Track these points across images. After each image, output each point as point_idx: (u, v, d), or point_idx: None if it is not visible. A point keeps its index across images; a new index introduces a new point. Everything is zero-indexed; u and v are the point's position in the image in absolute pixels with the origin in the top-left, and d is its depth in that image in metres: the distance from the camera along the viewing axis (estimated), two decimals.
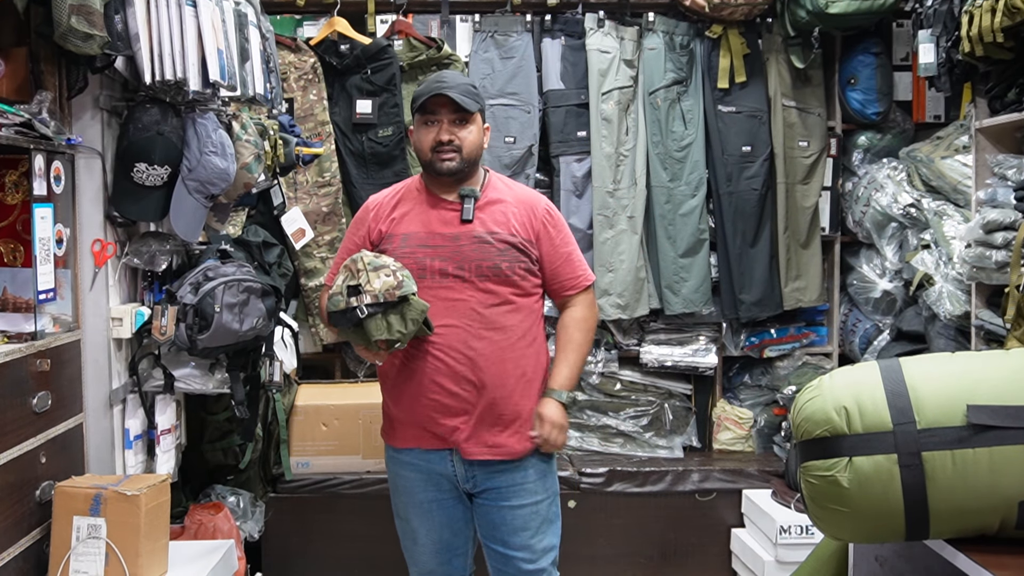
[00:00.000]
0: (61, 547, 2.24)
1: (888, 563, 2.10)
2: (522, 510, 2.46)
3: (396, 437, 2.56)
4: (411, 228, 2.47)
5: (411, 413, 2.48)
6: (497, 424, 2.44)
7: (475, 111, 2.45)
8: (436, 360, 2.42)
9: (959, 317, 3.37)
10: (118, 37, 2.39)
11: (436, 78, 2.48)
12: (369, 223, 2.54)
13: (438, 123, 2.44)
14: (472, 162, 2.47)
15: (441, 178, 2.48)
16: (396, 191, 2.59)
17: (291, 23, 4.06)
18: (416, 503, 2.53)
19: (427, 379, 2.44)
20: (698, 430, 4.20)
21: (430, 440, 2.48)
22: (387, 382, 2.55)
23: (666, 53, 4.03)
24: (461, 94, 2.42)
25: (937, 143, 3.76)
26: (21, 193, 2.27)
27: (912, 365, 1.74)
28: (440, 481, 2.50)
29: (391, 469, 2.61)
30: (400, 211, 2.52)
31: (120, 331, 2.64)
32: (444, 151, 2.42)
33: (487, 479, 2.47)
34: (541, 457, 2.50)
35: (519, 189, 2.62)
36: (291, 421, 3.70)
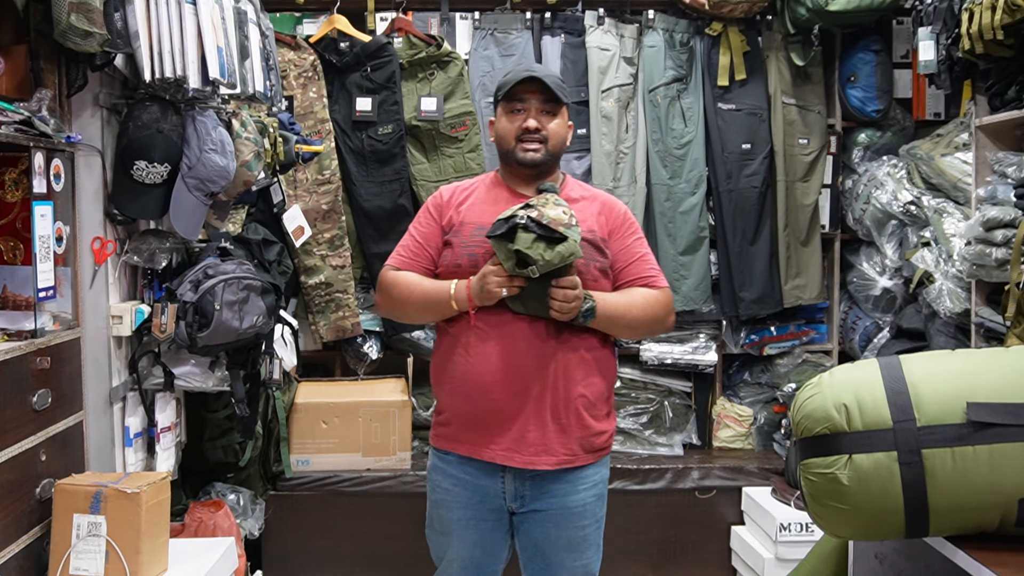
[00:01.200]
0: (61, 545, 2.24)
1: (888, 560, 2.10)
2: (568, 531, 2.33)
3: (448, 439, 2.37)
4: (481, 219, 2.31)
5: (469, 416, 2.30)
6: (563, 429, 2.28)
7: (566, 104, 2.34)
8: (506, 356, 2.25)
9: (959, 314, 3.37)
10: (118, 35, 2.39)
11: (525, 68, 2.36)
12: (442, 209, 2.40)
13: (525, 111, 2.30)
14: (555, 157, 2.35)
15: (521, 170, 2.35)
16: (471, 183, 2.46)
17: (291, 20, 4.06)
18: (455, 518, 2.36)
19: (492, 377, 2.26)
20: (698, 428, 4.20)
21: (486, 450, 2.29)
22: (446, 379, 2.35)
23: (666, 51, 4.03)
24: (552, 83, 2.30)
25: (937, 140, 3.76)
26: (21, 191, 2.27)
27: (912, 362, 1.74)
28: (485, 498, 2.34)
29: (433, 478, 2.43)
30: (471, 202, 2.38)
31: (120, 329, 2.64)
32: (529, 140, 2.29)
33: (541, 499, 2.31)
34: (596, 483, 2.36)
35: (597, 191, 2.52)
36: (291, 419, 3.70)
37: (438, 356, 2.41)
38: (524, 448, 2.26)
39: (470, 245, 2.30)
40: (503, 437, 2.27)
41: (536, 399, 2.25)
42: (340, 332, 3.96)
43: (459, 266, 2.30)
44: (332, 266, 3.92)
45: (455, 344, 2.31)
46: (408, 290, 2.34)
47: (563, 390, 2.27)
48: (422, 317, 2.49)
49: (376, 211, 3.94)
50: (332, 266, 3.92)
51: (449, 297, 2.26)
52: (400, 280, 2.37)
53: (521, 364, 2.24)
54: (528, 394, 2.25)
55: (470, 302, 2.24)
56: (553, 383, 2.26)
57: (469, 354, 2.28)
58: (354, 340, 4.02)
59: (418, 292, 2.33)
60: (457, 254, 2.32)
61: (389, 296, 2.39)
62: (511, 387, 2.25)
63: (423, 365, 4.08)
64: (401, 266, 2.39)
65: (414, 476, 3.72)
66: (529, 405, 2.25)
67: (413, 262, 2.38)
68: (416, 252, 2.39)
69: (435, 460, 2.42)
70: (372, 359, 4.03)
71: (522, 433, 2.26)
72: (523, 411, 2.25)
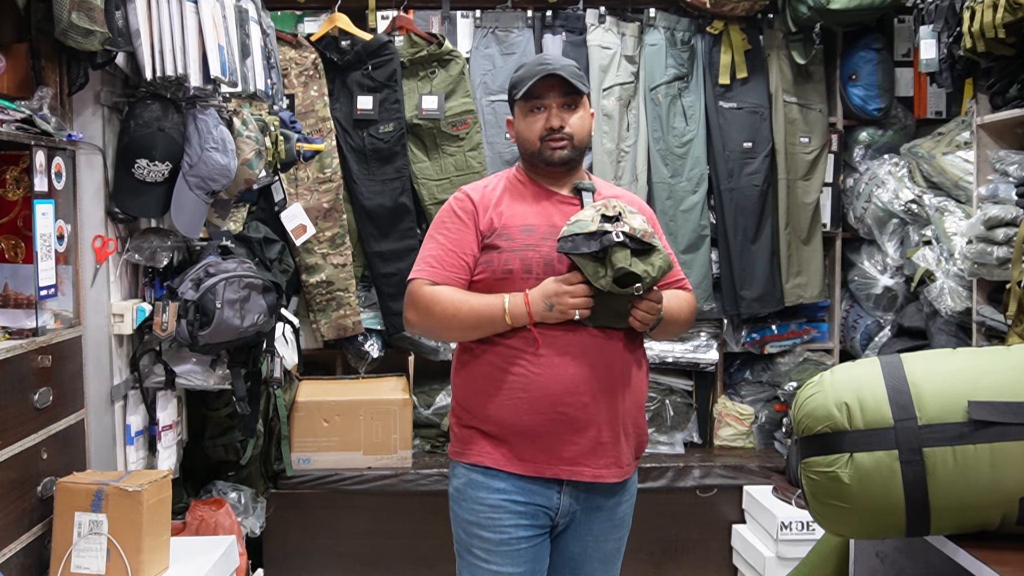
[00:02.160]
0: (63, 543, 2.24)
1: (889, 559, 2.10)
2: (607, 544, 2.23)
3: (493, 457, 2.13)
4: (530, 220, 2.16)
5: (528, 431, 2.10)
6: (624, 438, 2.15)
7: (585, 93, 2.20)
8: (574, 365, 2.08)
9: (960, 313, 3.37)
10: (119, 33, 2.39)
11: (538, 60, 2.22)
12: (476, 212, 2.19)
13: (546, 108, 2.17)
14: (582, 151, 2.22)
15: (551, 169, 2.21)
16: (494, 183, 2.27)
17: (292, 19, 4.06)
18: (503, 539, 2.12)
19: (561, 388, 2.08)
20: (699, 426, 4.20)
21: (548, 467, 2.11)
22: (499, 392, 2.12)
23: (667, 49, 4.03)
24: (569, 75, 2.15)
25: (938, 139, 3.76)
26: (22, 189, 2.27)
27: (913, 361, 1.74)
28: (538, 515, 2.14)
29: (470, 495, 2.15)
30: (508, 203, 2.20)
31: (121, 327, 2.64)
32: (555, 139, 2.16)
33: (589, 513, 2.18)
34: (633, 493, 2.29)
35: (619, 188, 2.42)
36: (292, 417, 3.70)
37: (481, 368, 2.16)
38: (595, 460, 2.11)
39: (522, 250, 2.13)
40: (571, 451, 2.09)
41: (610, 409, 2.11)
42: (341, 330, 3.96)
43: (510, 271, 2.12)
44: (333, 264, 3.92)
45: (509, 355, 2.11)
46: (454, 307, 2.11)
47: (630, 396, 2.15)
48: (467, 335, 2.19)
49: (377, 209, 3.94)
50: (333, 264, 3.92)
51: (503, 313, 2.08)
52: (442, 297, 2.13)
53: (590, 371, 2.08)
54: (602, 404, 2.10)
55: (530, 318, 2.07)
56: (623, 389, 2.13)
57: (532, 364, 2.08)
58: (355, 338, 4.02)
59: (466, 309, 2.10)
60: (506, 258, 2.13)
61: (430, 314, 2.15)
62: (582, 397, 2.08)
63: (424, 363, 4.09)
64: (437, 279, 2.15)
65: (415, 475, 3.72)
66: (602, 414, 2.10)
67: (450, 274, 2.15)
68: (450, 263, 2.16)
69: (475, 477, 2.15)
70: (373, 357, 4.03)
71: (594, 445, 2.10)
72: (595, 421, 2.09)
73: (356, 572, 3.77)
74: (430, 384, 4.10)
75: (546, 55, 2.23)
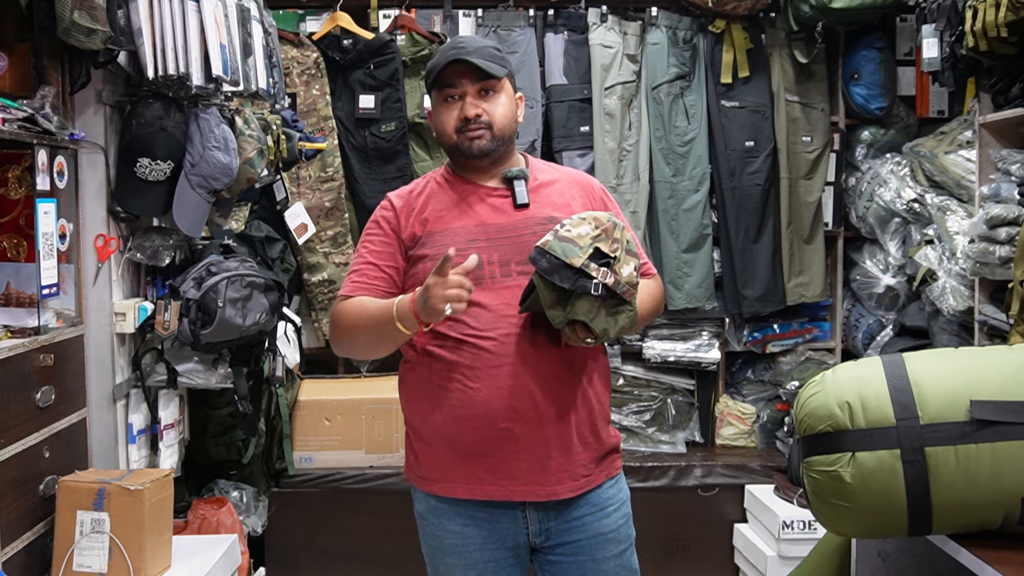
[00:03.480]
0: (65, 541, 2.25)
1: (891, 558, 2.10)
2: (608, 562, 2.04)
3: (444, 484, 1.99)
4: (455, 223, 1.99)
5: (472, 451, 1.93)
6: (579, 449, 1.98)
7: (503, 76, 2.00)
8: (516, 376, 1.90)
9: (962, 312, 3.37)
10: (121, 32, 2.39)
11: (450, 44, 2.02)
12: (398, 222, 2.04)
13: (460, 97, 1.99)
14: (506, 139, 2.02)
15: (473, 162, 2.02)
16: (418, 187, 2.09)
17: (294, 18, 4.06)
18: (470, 563, 2.00)
19: (502, 403, 1.90)
20: (701, 425, 4.20)
21: (497, 488, 1.95)
22: (435, 410, 1.96)
23: (669, 48, 4.03)
24: (484, 58, 1.96)
25: (940, 138, 3.76)
26: (24, 188, 2.27)
27: (915, 360, 1.74)
28: (504, 537, 1.99)
29: (432, 521, 2.03)
30: (433, 207, 2.03)
31: (123, 326, 2.64)
32: (471, 130, 1.98)
33: (564, 531, 2.00)
34: (622, 502, 2.10)
35: (565, 168, 2.23)
36: (294, 416, 3.70)
37: (415, 379, 2.01)
38: (545, 477, 1.94)
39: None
40: (519, 469, 1.93)
41: (558, 420, 1.94)
42: None
43: None
44: (335, 263, 3.92)
45: (445, 369, 1.93)
46: (354, 318, 1.96)
47: (583, 405, 1.98)
48: (375, 350, 2.01)
49: None
50: (335, 263, 3.92)
51: (392, 314, 1.85)
52: (347, 308, 1.97)
53: (534, 383, 1.91)
54: (548, 416, 1.92)
55: (417, 319, 1.81)
56: (574, 396, 1.96)
57: (469, 379, 1.91)
58: None
59: (364, 319, 1.93)
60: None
61: (338, 329, 2.00)
62: (526, 412, 1.91)
63: None
64: (354, 293, 1.99)
65: None
66: (550, 429, 1.93)
67: (369, 286, 1.99)
68: (370, 275, 2.01)
69: (431, 503, 2.02)
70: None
71: (544, 462, 1.93)
72: (544, 437, 1.93)
73: (358, 571, 3.77)
74: None
75: (460, 38, 2.05)
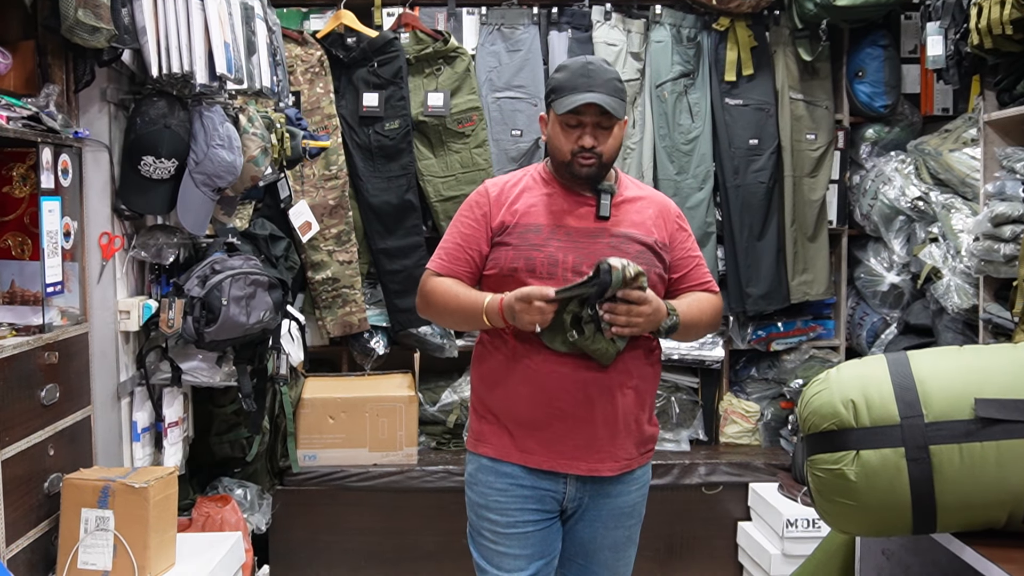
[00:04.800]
0: (69, 539, 2.25)
1: (895, 556, 2.10)
2: (616, 532, 2.28)
3: (499, 447, 2.23)
4: (540, 219, 2.21)
5: (528, 423, 2.19)
6: (624, 434, 2.20)
7: (623, 118, 2.21)
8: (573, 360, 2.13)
9: (967, 310, 3.36)
10: (125, 30, 2.39)
11: (582, 72, 2.16)
12: (489, 209, 2.25)
13: (581, 126, 2.17)
14: (609, 166, 2.24)
15: (577, 180, 2.23)
16: (517, 179, 2.31)
17: (297, 16, 4.06)
18: (513, 521, 2.22)
19: (559, 383, 2.15)
20: (705, 423, 4.20)
21: (546, 459, 2.19)
22: (502, 384, 2.22)
23: (673, 46, 4.02)
24: (610, 94, 2.14)
25: (945, 136, 3.75)
26: (29, 186, 2.27)
27: (920, 358, 1.73)
28: (544, 500, 2.22)
29: (480, 479, 2.26)
30: (525, 201, 2.24)
31: (127, 324, 2.65)
32: (585, 157, 2.17)
33: (596, 500, 2.24)
34: (644, 483, 2.32)
35: (649, 189, 2.41)
36: (298, 414, 3.71)
37: (488, 359, 2.27)
38: (590, 455, 2.18)
39: (530, 249, 2.18)
40: (567, 446, 2.17)
41: (607, 406, 2.16)
42: (347, 327, 3.96)
43: (515, 270, 2.17)
44: (339, 261, 3.92)
45: (516, 349, 2.18)
46: (444, 300, 2.22)
47: (632, 392, 2.19)
48: (460, 327, 2.39)
49: (383, 206, 3.94)
50: (339, 261, 3.92)
51: (481, 312, 2.14)
52: (439, 288, 2.24)
53: (589, 369, 2.14)
54: (599, 401, 2.16)
55: (504, 322, 2.11)
56: (625, 386, 2.18)
57: (534, 360, 2.16)
58: (361, 335, 4.02)
59: (454, 304, 2.21)
60: (512, 257, 2.19)
61: (428, 303, 2.28)
62: (579, 394, 2.15)
63: (430, 360, 4.09)
64: (442, 271, 2.25)
65: (420, 471, 3.72)
66: (598, 413, 2.16)
67: (454, 266, 2.24)
68: (456, 256, 2.25)
69: (482, 462, 2.26)
70: (379, 354, 4.03)
71: (591, 441, 2.17)
72: (592, 418, 2.16)
73: (361, 568, 3.77)
74: (436, 381, 4.10)
75: (590, 64, 2.18)
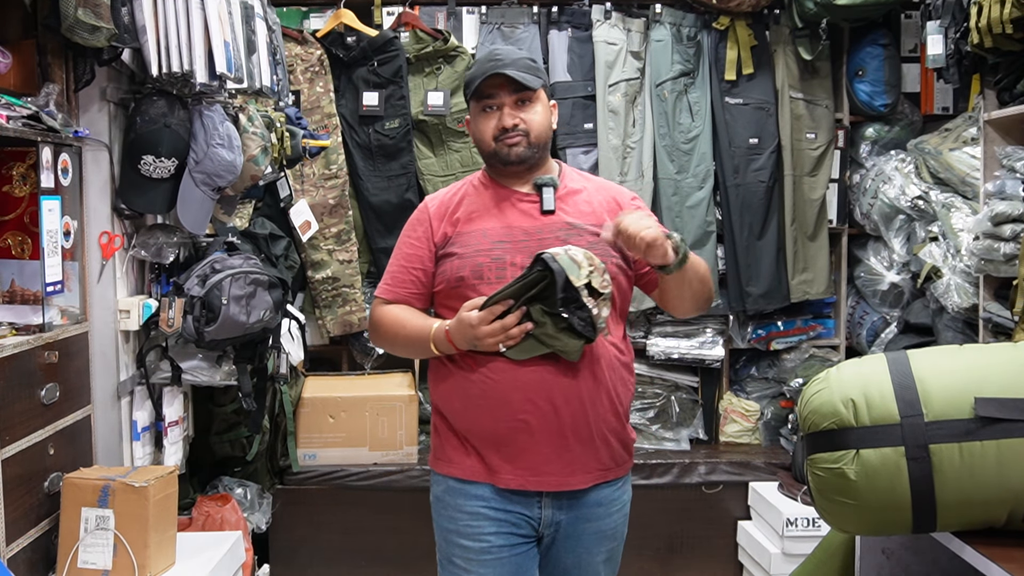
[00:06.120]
0: (69, 538, 2.25)
1: (895, 556, 2.10)
2: (600, 556, 2.14)
3: (463, 467, 2.10)
4: (484, 224, 2.11)
5: (490, 439, 2.05)
6: (596, 443, 2.07)
7: (538, 87, 2.11)
8: (536, 368, 2.00)
9: (967, 310, 3.36)
10: (125, 29, 2.39)
11: (488, 56, 2.12)
12: (430, 224, 2.16)
13: (498, 108, 2.10)
14: (542, 147, 2.13)
15: (510, 168, 2.13)
16: (456, 189, 2.22)
17: (297, 15, 4.06)
18: (484, 547, 2.07)
19: (522, 395, 2.01)
20: (704, 422, 4.20)
21: (514, 477, 2.05)
22: (461, 400, 2.09)
23: (673, 45, 4.02)
24: (520, 70, 2.06)
25: (945, 135, 3.75)
26: (29, 185, 2.27)
27: (920, 357, 1.73)
28: (519, 523, 2.08)
29: (448, 503, 2.12)
30: (466, 209, 2.15)
31: (127, 323, 2.65)
32: (509, 137, 2.08)
33: (576, 524, 2.10)
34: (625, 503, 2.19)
35: (597, 179, 2.32)
36: (298, 413, 3.71)
37: (444, 374, 2.13)
38: (560, 468, 2.04)
39: (476, 255, 2.07)
40: (534, 460, 2.03)
41: (575, 414, 2.03)
42: (347, 326, 3.96)
43: (461, 279, 2.07)
44: (339, 260, 3.93)
45: (472, 361, 2.05)
46: (393, 331, 2.15)
47: (604, 398, 2.07)
48: (415, 356, 2.24)
49: (383, 205, 3.94)
50: (339, 260, 3.93)
51: (429, 342, 2.06)
52: (386, 318, 2.16)
53: (553, 376, 2.00)
54: (565, 410, 2.02)
55: (454, 347, 2.03)
56: (595, 392, 2.05)
57: (491, 371, 2.02)
58: (361, 335, 4.02)
59: (402, 336, 2.13)
60: (458, 266, 2.08)
61: (379, 335, 2.21)
62: (543, 404, 2.01)
63: None
64: (390, 297, 2.17)
65: (420, 470, 3.72)
66: (566, 422, 2.02)
67: (401, 290, 2.16)
68: (402, 279, 2.16)
69: (449, 484, 2.12)
70: (379, 353, 4.04)
71: (560, 453, 2.03)
72: (560, 429, 2.02)
73: (361, 567, 3.77)
74: None
75: (498, 50, 2.14)
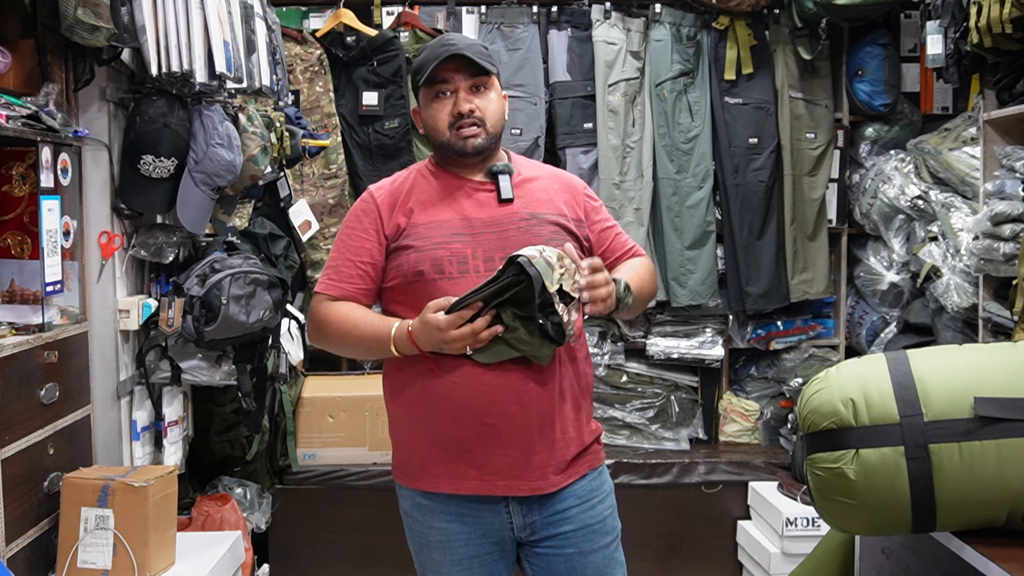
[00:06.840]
0: (69, 538, 2.25)
1: (894, 555, 2.10)
2: (595, 553, 2.02)
3: (428, 479, 1.99)
4: (439, 215, 1.99)
5: (455, 445, 1.95)
6: (564, 442, 1.98)
7: (494, 73, 2.01)
8: (498, 371, 1.90)
9: (966, 309, 3.36)
10: (124, 29, 2.39)
11: (439, 42, 2.01)
12: (380, 215, 2.03)
13: (453, 93, 1.98)
14: (497, 137, 2.03)
15: (463, 159, 2.02)
16: (402, 179, 2.09)
17: (297, 15, 4.06)
18: (456, 559, 2.00)
19: (484, 399, 1.91)
20: (704, 422, 4.20)
21: (481, 483, 1.95)
22: (421, 408, 1.98)
23: (673, 44, 4.02)
24: (475, 55, 1.96)
25: (945, 135, 3.75)
26: (28, 185, 2.27)
27: (919, 357, 1.73)
28: (489, 532, 1.99)
29: (417, 519, 2.03)
30: (417, 198, 2.02)
31: (127, 323, 2.65)
32: (465, 125, 1.97)
33: (549, 524, 1.99)
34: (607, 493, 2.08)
35: (547, 167, 2.20)
36: (297, 413, 3.70)
37: (399, 379, 2.02)
38: (529, 472, 1.95)
39: (434, 249, 1.96)
40: (503, 464, 1.94)
41: (541, 416, 1.94)
42: None
43: (421, 273, 1.95)
44: None
45: (425, 364, 1.93)
46: (342, 331, 2.00)
47: (566, 399, 1.99)
48: (366, 358, 2.07)
49: None
50: None
51: (389, 343, 1.94)
52: (334, 316, 2.01)
53: (517, 378, 1.91)
54: (531, 412, 1.93)
55: (417, 350, 1.91)
56: (557, 391, 1.97)
57: (453, 374, 1.92)
58: None
59: (354, 336, 1.99)
60: (415, 260, 1.95)
61: (322, 334, 2.05)
62: (509, 407, 1.91)
63: None
64: (334, 293, 2.02)
65: None
66: (533, 424, 1.93)
67: (347, 285, 2.02)
68: (348, 273, 2.02)
69: (416, 499, 2.03)
70: None
71: (527, 456, 1.94)
72: (527, 432, 1.93)
73: (361, 567, 3.77)
74: None
75: (450, 35, 2.05)
